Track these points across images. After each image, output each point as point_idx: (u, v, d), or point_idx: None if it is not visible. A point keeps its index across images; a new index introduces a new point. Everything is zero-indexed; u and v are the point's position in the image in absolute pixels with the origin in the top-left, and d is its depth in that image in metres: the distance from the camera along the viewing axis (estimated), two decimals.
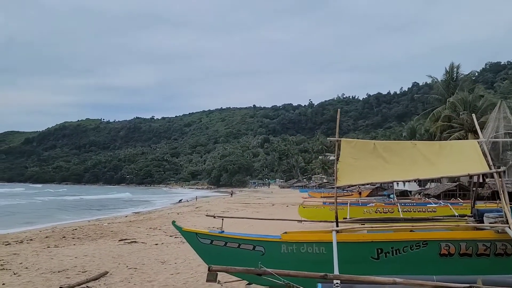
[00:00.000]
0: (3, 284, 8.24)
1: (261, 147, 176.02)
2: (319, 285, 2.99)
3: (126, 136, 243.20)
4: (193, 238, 5.90)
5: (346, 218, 11.20)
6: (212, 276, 5.95)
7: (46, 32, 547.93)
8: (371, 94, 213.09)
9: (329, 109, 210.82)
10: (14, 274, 9.22)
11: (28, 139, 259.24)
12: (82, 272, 9.17)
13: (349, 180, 6.10)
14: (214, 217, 6.63)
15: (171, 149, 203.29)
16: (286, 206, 35.39)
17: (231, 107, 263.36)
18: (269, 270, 3.07)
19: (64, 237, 16.09)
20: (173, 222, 6.01)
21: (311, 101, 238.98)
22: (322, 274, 2.66)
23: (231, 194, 71.23)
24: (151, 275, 8.43)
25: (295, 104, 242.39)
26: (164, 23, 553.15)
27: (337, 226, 5.84)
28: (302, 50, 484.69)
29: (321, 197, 47.03)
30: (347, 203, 15.13)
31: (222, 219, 6.23)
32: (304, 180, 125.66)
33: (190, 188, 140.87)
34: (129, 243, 13.73)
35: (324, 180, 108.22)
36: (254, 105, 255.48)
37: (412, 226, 5.89)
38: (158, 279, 8.04)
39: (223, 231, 5.92)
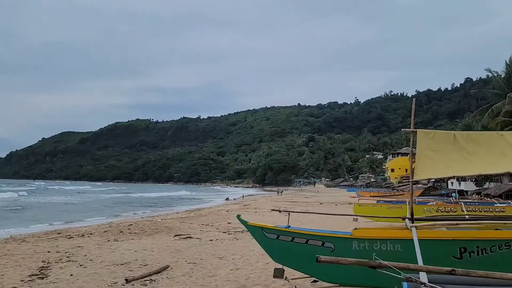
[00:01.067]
0: (71, 275, 8.55)
1: (306, 145, 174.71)
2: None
3: (174, 136, 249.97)
4: (258, 232, 5.77)
5: (407, 217, 10.73)
6: (279, 272, 5.81)
7: (99, 37, 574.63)
8: (421, 90, 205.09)
9: (376, 107, 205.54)
10: (80, 265, 9.57)
11: (83, 139, 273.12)
12: (144, 265, 9.35)
13: (428, 173, 5.72)
14: (280, 211, 6.49)
15: (217, 148, 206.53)
16: (335, 205, 34.68)
17: (275, 106, 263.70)
18: (385, 262, 2.84)
19: (121, 232, 16.61)
20: (238, 216, 5.91)
21: (357, 99, 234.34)
22: (449, 269, 2.40)
23: (278, 193, 71.09)
24: (211, 270, 8.43)
25: (340, 102, 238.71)
26: (209, 24, 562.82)
27: (413, 222, 5.50)
28: (347, 47, 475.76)
29: (371, 196, 45.84)
30: (405, 202, 14.52)
31: (289, 214, 6.07)
32: (351, 179, 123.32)
33: (235, 186, 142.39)
34: (184, 238, 13.91)
35: (372, 179, 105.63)
36: (298, 104, 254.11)
37: (497, 224, 5.42)
38: (219, 274, 8.01)
39: (289, 226, 5.75)
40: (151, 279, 7.75)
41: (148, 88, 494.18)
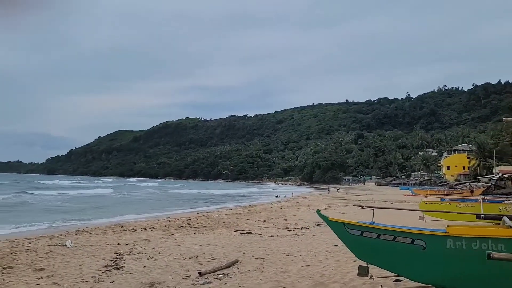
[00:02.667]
0: (144, 266, 8.78)
1: (355, 143, 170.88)
2: None
3: (221, 134, 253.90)
4: (340, 228, 5.56)
5: (481, 215, 10.09)
6: (363, 270, 5.57)
7: (148, 40, 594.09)
8: (478, 84, 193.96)
9: (429, 102, 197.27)
10: (151, 258, 9.82)
11: (136, 137, 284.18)
12: (212, 259, 9.43)
13: None
14: (362, 207, 6.24)
15: (264, 146, 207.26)
16: (391, 204, 33.55)
17: (323, 103, 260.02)
18: None
19: (181, 226, 16.98)
20: (318, 211, 5.73)
21: (408, 94, 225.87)
22: None
23: (330, 190, 70.08)
24: (282, 266, 8.32)
25: (391, 97, 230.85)
26: (256, 22, 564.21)
27: None
28: (397, 41, 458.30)
29: (427, 194, 43.92)
30: (476, 200, 13.73)
31: (373, 209, 5.80)
32: (403, 177, 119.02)
33: (282, 184, 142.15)
34: (245, 234, 13.95)
35: (426, 178, 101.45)
36: (346, 100, 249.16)
37: None
38: (291, 270, 7.89)
39: (373, 222, 5.50)
40: (223, 273, 7.78)
41: (197, 87, 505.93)
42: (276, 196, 54.87)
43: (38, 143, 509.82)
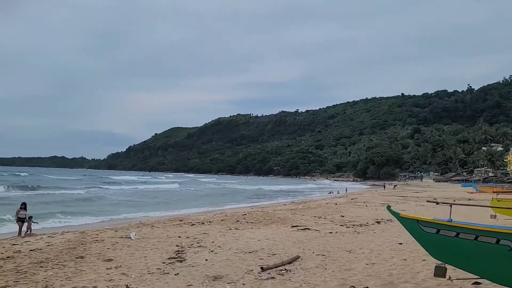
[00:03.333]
0: (206, 260, 8.88)
1: (411, 138, 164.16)
2: None
3: (272, 130, 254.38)
4: (413, 225, 5.24)
5: None
6: (440, 271, 5.21)
7: (202, 38, 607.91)
8: None
9: (493, 94, 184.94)
10: (211, 251, 9.93)
11: (190, 134, 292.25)
12: (272, 254, 9.36)
13: None
14: (437, 203, 5.85)
15: (315, 141, 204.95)
16: (453, 201, 31.81)
17: (377, 97, 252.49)
18: None
19: (237, 221, 17.10)
20: (388, 207, 5.45)
21: (470, 86, 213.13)
22: None
23: (384, 187, 67.97)
24: (345, 264, 8.06)
25: (450, 90, 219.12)
26: (306, 16, 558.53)
27: None
28: (457, 31, 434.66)
29: (494, 192, 41.22)
30: None
31: (450, 206, 5.41)
32: (464, 173, 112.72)
33: (335, 180, 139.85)
34: (302, 229, 13.76)
35: (490, 174, 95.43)
36: (402, 94, 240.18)
37: None
38: (355, 268, 7.62)
39: (451, 220, 5.12)
40: (285, 269, 7.67)
41: (249, 83, 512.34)
42: (330, 192, 54.10)
43: (100, 140, 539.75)
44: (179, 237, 12.31)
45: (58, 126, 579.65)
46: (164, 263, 8.70)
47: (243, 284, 6.69)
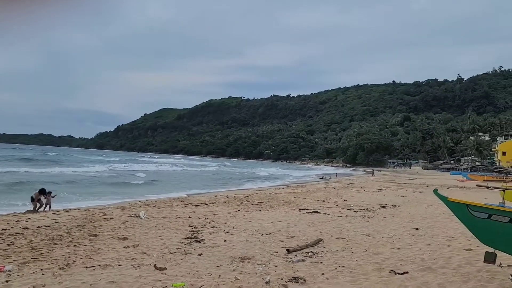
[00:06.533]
0: (225, 240, 8.68)
1: (401, 125, 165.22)
2: None
3: (264, 113, 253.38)
4: (462, 210, 5.08)
5: None
6: (490, 257, 5.06)
7: (195, 18, 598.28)
8: None
9: (482, 84, 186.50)
10: (227, 232, 9.74)
11: (180, 115, 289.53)
12: (291, 237, 9.21)
13: None
14: (488, 187, 5.72)
15: (306, 127, 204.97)
16: (447, 188, 32.13)
17: (368, 83, 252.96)
18: None
19: (242, 203, 16.93)
20: (435, 191, 5.27)
21: (460, 76, 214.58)
22: None
23: (373, 173, 68.50)
24: (369, 247, 7.94)
25: (440, 79, 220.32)
26: (299, 2, 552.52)
27: None
28: (450, 20, 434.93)
29: (484, 180, 41.74)
30: None
31: (503, 190, 5.25)
32: (452, 162, 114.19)
33: (324, 165, 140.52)
34: (311, 213, 13.66)
35: (477, 163, 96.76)
36: (393, 81, 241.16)
37: None
38: (383, 252, 7.49)
39: (504, 204, 4.97)
40: (312, 252, 7.51)
41: (241, 66, 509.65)
42: (322, 178, 54.27)
43: (89, 119, 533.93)
44: (189, 217, 12.09)
45: (46, 103, 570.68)
46: (182, 243, 8.48)
47: (275, 265, 6.51)
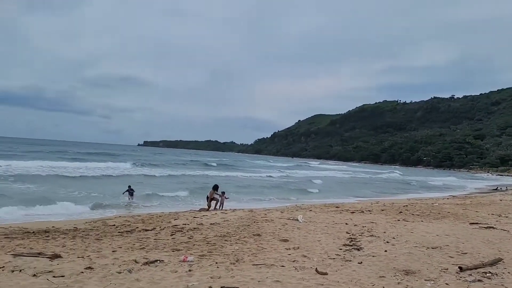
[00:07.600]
0: (385, 251, 8.33)
1: None
2: None
3: (422, 117, 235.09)
4: None
5: None
6: None
7: (343, 21, 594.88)
8: None
9: None
10: (387, 242, 9.33)
11: (333, 121, 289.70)
12: (462, 253, 8.31)
13: None
14: None
15: (474, 131, 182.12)
16: None
17: None
18: None
19: (400, 212, 16.02)
20: None
21: None
22: None
23: None
24: None
25: None
26: None
27: None
28: None
29: None
30: None
31: None
32: None
33: (498, 175, 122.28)
34: (485, 228, 12.07)
35: None
36: None
37: None
38: None
39: None
40: (490, 272, 6.65)
41: (396, 68, 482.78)
42: (496, 189, 47.45)
43: (248, 126, 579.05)
44: (346, 224, 11.99)
45: (212, 113, 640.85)
46: (341, 249, 8.45)
47: (446, 283, 5.96)
